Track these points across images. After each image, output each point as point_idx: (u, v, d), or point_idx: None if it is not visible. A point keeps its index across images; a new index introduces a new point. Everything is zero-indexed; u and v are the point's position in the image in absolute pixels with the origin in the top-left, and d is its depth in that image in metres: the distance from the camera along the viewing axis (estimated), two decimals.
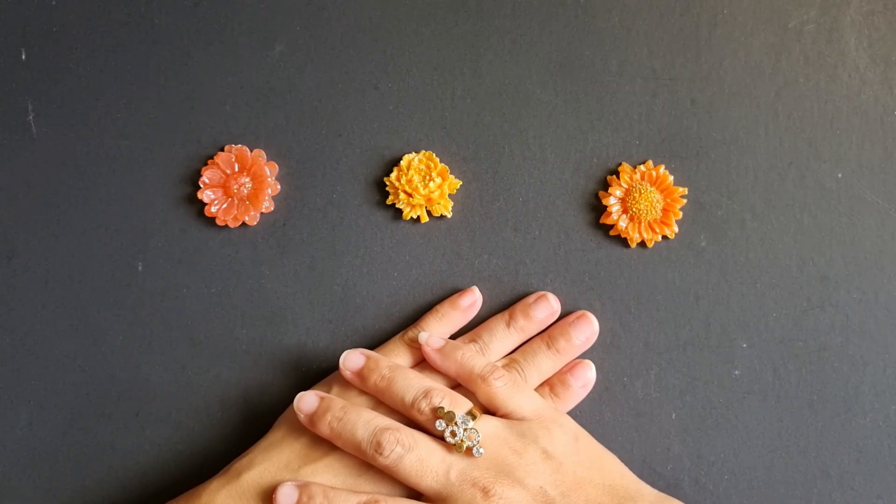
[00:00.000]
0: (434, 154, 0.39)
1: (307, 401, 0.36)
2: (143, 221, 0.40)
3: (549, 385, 0.38)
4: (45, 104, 0.40)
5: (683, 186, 0.39)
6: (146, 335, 0.40)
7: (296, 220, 0.40)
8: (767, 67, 0.39)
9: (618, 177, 0.39)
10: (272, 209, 0.40)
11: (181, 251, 0.40)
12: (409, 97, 0.40)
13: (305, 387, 0.39)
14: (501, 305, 0.40)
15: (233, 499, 0.35)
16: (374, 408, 0.36)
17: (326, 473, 0.35)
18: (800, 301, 0.39)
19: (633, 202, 0.39)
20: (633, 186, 0.39)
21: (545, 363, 0.38)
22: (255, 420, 0.40)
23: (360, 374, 0.36)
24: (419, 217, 0.40)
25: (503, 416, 0.36)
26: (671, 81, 0.39)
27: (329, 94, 0.40)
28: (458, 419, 0.34)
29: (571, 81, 0.40)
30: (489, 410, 0.36)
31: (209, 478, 0.37)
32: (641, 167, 0.39)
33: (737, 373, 0.39)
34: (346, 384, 0.37)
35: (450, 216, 0.40)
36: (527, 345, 0.39)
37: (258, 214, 0.40)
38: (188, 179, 0.40)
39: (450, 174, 0.40)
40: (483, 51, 0.40)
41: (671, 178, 0.39)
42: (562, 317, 0.39)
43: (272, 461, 0.36)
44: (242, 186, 0.40)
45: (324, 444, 0.36)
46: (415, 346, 0.38)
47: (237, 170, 0.40)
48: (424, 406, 0.35)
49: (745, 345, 0.39)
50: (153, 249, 0.40)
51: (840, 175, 0.39)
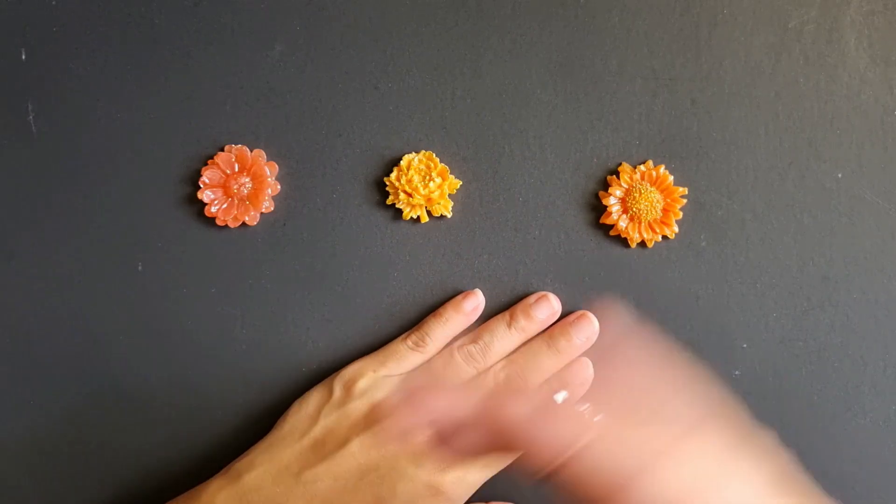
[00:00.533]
0: (434, 154, 0.39)
1: None
2: (143, 221, 0.40)
3: (548, 385, 0.38)
4: (45, 104, 0.40)
5: (683, 186, 0.39)
6: (146, 335, 0.40)
7: (296, 220, 0.40)
8: (767, 67, 0.39)
9: (618, 177, 0.39)
10: (272, 209, 0.40)
11: (181, 251, 0.40)
12: (409, 97, 0.40)
13: (305, 387, 0.39)
14: (502, 306, 0.40)
15: (233, 499, 0.35)
16: None
17: (327, 476, 0.35)
18: (800, 301, 0.39)
19: (633, 202, 0.39)
20: (633, 186, 0.39)
21: (545, 363, 0.38)
22: (255, 420, 0.40)
23: None
24: (419, 217, 0.40)
25: None
26: (671, 81, 0.39)
27: (329, 94, 0.40)
28: None
29: (571, 81, 0.40)
30: None
31: (209, 478, 0.37)
32: (641, 167, 0.39)
33: (737, 373, 0.39)
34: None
35: (450, 216, 0.40)
36: (527, 345, 0.39)
37: (258, 214, 0.40)
38: (188, 179, 0.40)
39: (450, 174, 0.40)
40: (483, 51, 0.40)
41: (671, 178, 0.39)
42: (562, 317, 0.39)
43: (272, 462, 0.36)
44: (242, 186, 0.39)
45: (325, 447, 0.36)
46: (417, 351, 0.39)
47: (237, 170, 0.40)
48: None
49: (745, 345, 0.39)
50: (153, 249, 0.40)
51: (840, 175, 0.39)
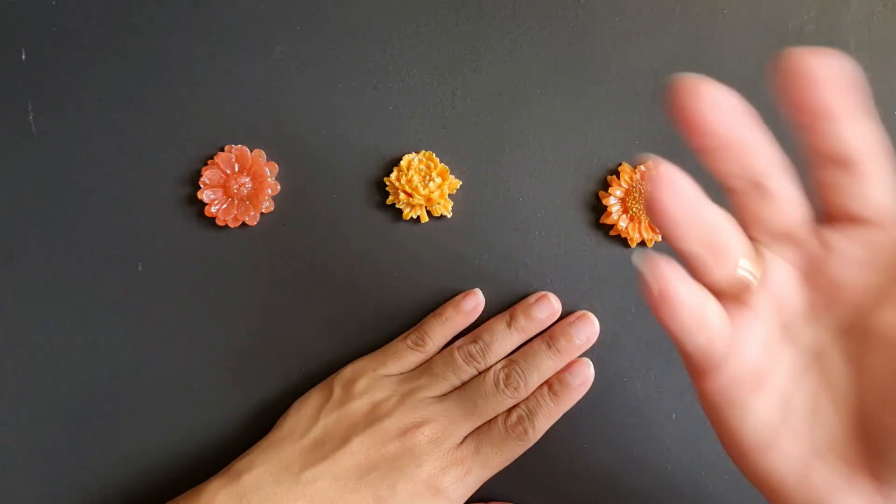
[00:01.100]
0: (434, 154, 0.39)
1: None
2: (143, 221, 0.40)
3: (548, 384, 0.38)
4: (45, 104, 0.40)
5: None
6: (146, 335, 0.40)
7: (296, 220, 0.40)
8: (767, 67, 0.39)
9: (618, 177, 0.39)
10: (272, 209, 0.40)
11: (181, 251, 0.40)
12: (409, 97, 0.40)
13: (305, 387, 0.39)
14: (502, 306, 0.40)
15: (232, 499, 0.35)
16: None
17: (327, 475, 0.35)
18: None
19: (634, 202, 0.39)
20: (633, 186, 0.39)
21: (545, 363, 0.38)
22: (255, 420, 0.40)
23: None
24: (419, 217, 0.40)
25: None
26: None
27: (329, 94, 0.40)
28: None
29: (571, 81, 0.40)
30: None
31: (209, 478, 0.37)
32: (641, 167, 0.39)
33: None
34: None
35: (450, 216, 0.40)
36: (527, 345, 0.39)
37: (258, 214, 0.40)
38: (188, 179, 0.40)
39: (450, 174, 0.39)
40: (483, 51, 0.40)
41: None
42: (562, 317, 0.39)
43: (272, 462, 0.36)
44: (242, 186, 0.39)
45: (325, 446, 0.36)
46: (417, 350, 0.39)
47: (237, 170, 0.40)
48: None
49: None
50: (153, 249, 0.40)
51: None
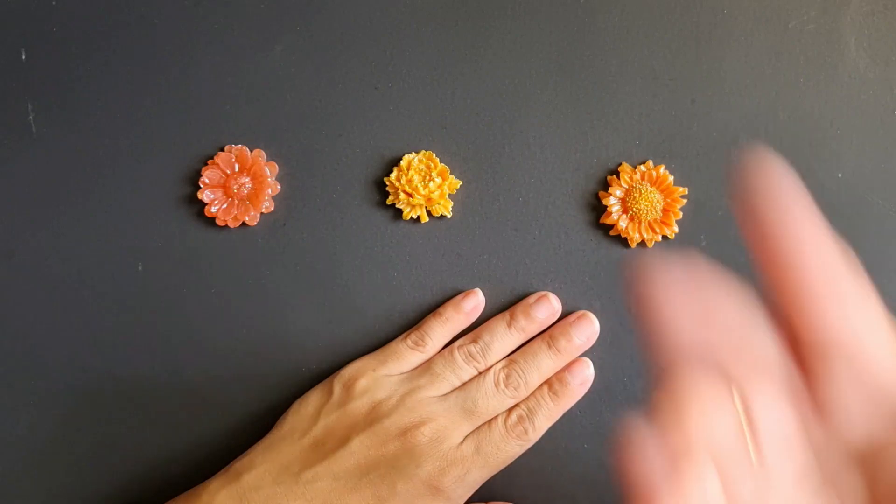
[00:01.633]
0: (434, 154, 0.39)
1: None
2: (143, 221, 0.40)
3: (548, 384, 0.38)
4: (45, 104, 0.40)
5: (683, 186, 0.39)
6: (146, 335, 0.40)
7: (296, 220, 0.40)
8: (767, 67, 0.39)
9: (618, 177, 0.39)
10: (272, 209, 0.40)
11: (181, 251, 0.40)
12: (409, 97, 0.40)
13: (305, 387, 0.39)
14: (502, 306, 0.40)
15: (233, 499, 0.35)
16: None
17: (327, 475, 0.35)
18: None
19: (633, 202, 0.39)
20: (633, 186, 0.39)
21: (546, 363, 0.38)
22: (255, 420, 0.40)
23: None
24: (419, 217, 0.40)
25: None
26: (671, 81, 0.39)
27: (329, 94, 0.40)
28: None
29: (571, 81, 0.40)
30: None
31: (209, 478, 0.37)
32: (641, 167, 0.39)
33: None
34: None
35: (450, 216, 0.40)
36: (527, 345, 0.39)
37: (258, 214, 0.40)
38: (188, 179, 0.40)
39: (450, 174, 0.39)
40: (483, 51, 0.40)
41: (671, 178, 0.39)
42: (562, 317, 0.39)
43: (272, 462, 0.36)
44: (242, 186, 0.39)
45: (325, 446, 0.36)
46: (417, 350, 0.39)
47: (237, 170, 0.40)
48: None
49: None
50: (153, 249, 0.40)
51: (840, 175, 0.39)
